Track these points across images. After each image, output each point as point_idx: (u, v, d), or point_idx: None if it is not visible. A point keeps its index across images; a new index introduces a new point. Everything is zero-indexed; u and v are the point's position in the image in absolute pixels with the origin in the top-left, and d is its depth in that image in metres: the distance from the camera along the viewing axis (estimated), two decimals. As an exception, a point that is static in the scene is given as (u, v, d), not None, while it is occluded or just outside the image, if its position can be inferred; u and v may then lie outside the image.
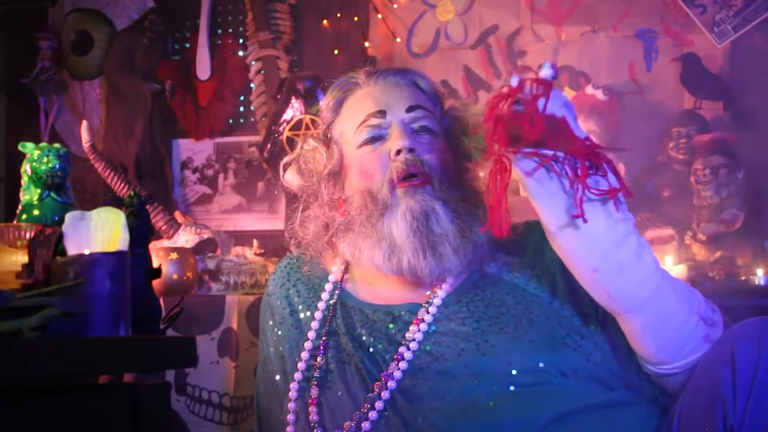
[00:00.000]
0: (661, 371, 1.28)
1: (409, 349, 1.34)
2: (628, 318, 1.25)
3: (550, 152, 1.14)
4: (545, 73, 1.13)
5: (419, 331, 1.35)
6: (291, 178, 1.49)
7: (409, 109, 1.41)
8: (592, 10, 3.19)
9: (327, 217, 1.42)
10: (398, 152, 1.36)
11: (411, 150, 1.36)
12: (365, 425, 1.32)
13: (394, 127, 1.39)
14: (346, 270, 1.49)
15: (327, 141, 1.47)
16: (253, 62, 3.52)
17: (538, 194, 1.17)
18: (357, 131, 1.41)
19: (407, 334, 1.36)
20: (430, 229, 1.33)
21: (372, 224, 1.36)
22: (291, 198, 1.54)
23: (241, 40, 3.62)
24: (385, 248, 1.35)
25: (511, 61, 3.28)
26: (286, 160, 1.51)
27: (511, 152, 1.12)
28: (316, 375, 1.40)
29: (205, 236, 2.75)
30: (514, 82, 1.14)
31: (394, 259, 1.34)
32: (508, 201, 1.14)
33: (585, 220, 1.14)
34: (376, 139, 1.40)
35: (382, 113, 1.40)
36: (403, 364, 1.33)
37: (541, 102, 1.11)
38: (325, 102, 1.49)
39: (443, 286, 1.39)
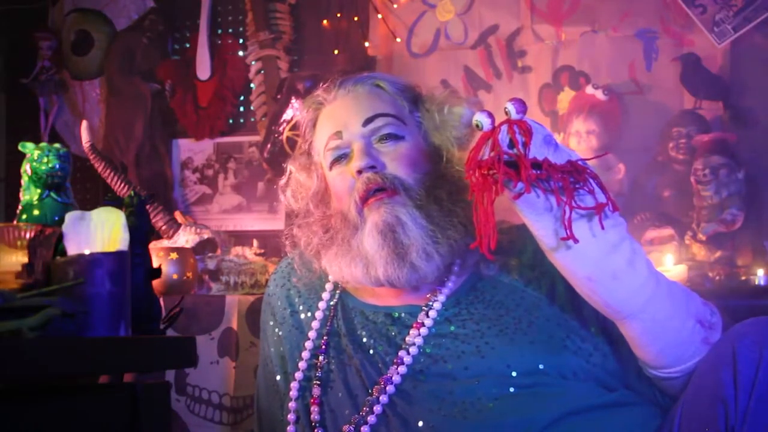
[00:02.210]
0: (662, 375, 1.28)
1: (408, 353, 1.34)
2: (626, 324, 1.25)
3: (535, 172, 1.12)
4: (515, 114, 1.10)
5: (419, 335, 1.35)
6: (290, 200, 1.50)
7: (366, 122, 1.39)
8: (592, 10, 3.19)
9: (313, 230, 1.42)
10: (359, 172, 1.36)
11: (371, 167, 1.35)
12: (364, 429, 1.32)
13: (353, 145, 1.38)
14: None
15: (310, 160, 1.47)
16: (253, 62, 3.52)
17: (527, 213, 1.16)
18: (324, 156, 1.42)
19: (407, 338, 1.36)
20: (397, 241, 1.32)
21: (347, 243, 1.36)
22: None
23: (241, 40, 3.62)
24: (361, 264, 1.35)
25: (511, 61, 3.28)
26: (281, 183, 1.51)
27: (495, 173, 1.10)
28: (317, 374, 1.40)
29: (205, 236, 2.75)
30: (486, 124, 1.10)
31: (372, 272, 1.34)
32: (495, 216, 1.13)
33: (576, 241, 1.13)
34: (342, 159, 1.39)
35: (338, 134, 1.39)
36: (402, 368, 1.33)
37: (521, 147, 1.08)
38: (302, 121, 1.49)
39: (443, 288, 1.39)
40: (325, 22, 3.45)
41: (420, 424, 1.28)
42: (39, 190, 1.41)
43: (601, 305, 1.23)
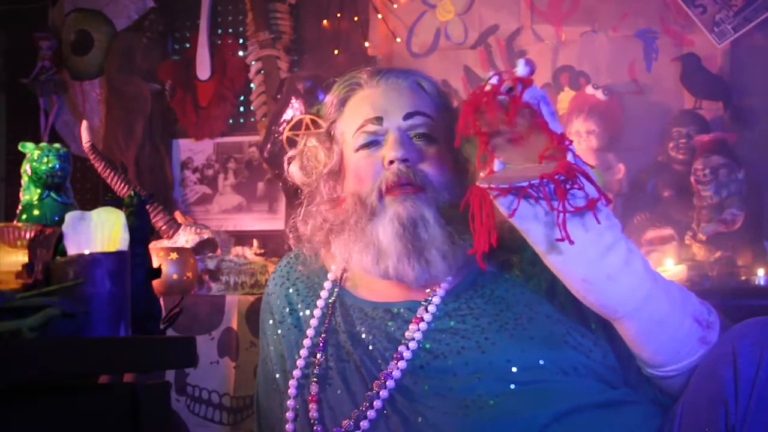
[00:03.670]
0: (659, 374, 1.29)
1: (408, 348, 1.34)
2: (622, 323, 1.25)
3: (525, 183, 1.15)
4: (522, 70, 1.14)
5: (418, 330, 1.35)
6: (294, 173, 1.51)
7: (407, 116, 1.40)
8: (592, 10, 3.19)
9: (324, 215, 1.43)
10: (391, 162, 1.36)
11: (404, 160, 1.36)
12: (364, 424, 1.32)
13: (389, 135, 1.39)
14: (345, 268, 1.49)
15: (329, 138, 1.47)
16: (253, 62, 3.52)
17: (520, 222, 1.18)
18: (354, 135, 1.42)
19: (407, 333, 1.36)
20: (416, 236, 1.33)
21: (360, 228, 1.37)
22: (291, 197, 1.55)
23: (241, 40, 3.62)
24: (373, 253, 1.35)
25: (511, 61, 3.28)
26: (290, 154, 1.52)
27: (486, 187, 1.14)
28: (315, 372, 1.40)
29: (205, 236, 2.75)
30: (494, 80, 1.15)
31: (382, 264, 1.35)
32: (495, 224, 1.15)
33: (571, 242, 1.14)
34: (373, 144, 1.40)
35: (378, 120, 1.40)
36: (402, 364, 1.34)
37: (518, 88, 1.13)
38: (329, 99, 1.50)
39: (442, 284, 1.39)
40: (325, 22, 3.45)
41: (420, 420, 1.29)
42: (39, 190, 1.41)
43: (597, 305, 1.24)
